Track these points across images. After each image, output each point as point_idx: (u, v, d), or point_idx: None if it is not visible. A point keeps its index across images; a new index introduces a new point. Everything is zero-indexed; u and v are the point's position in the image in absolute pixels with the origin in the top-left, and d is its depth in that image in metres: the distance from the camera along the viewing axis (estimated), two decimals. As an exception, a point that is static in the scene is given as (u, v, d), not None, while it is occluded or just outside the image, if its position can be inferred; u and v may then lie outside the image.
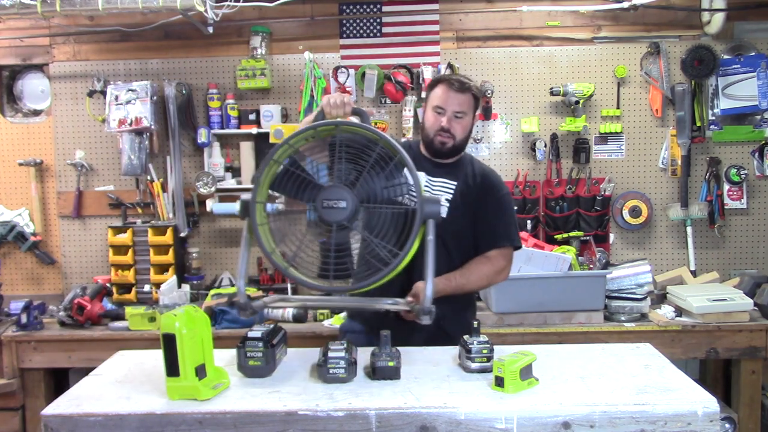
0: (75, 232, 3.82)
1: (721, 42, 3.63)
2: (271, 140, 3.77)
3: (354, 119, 2.03)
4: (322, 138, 1.87)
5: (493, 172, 2.42)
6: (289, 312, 3.27)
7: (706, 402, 1.56)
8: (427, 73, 3.61)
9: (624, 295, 3.24)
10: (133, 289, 3.60)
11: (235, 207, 1.91)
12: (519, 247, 2.38)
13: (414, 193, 1.81)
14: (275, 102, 3.73)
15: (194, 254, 3.73)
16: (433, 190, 2.28)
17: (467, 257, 2.31)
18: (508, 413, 1.54)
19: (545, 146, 3.68)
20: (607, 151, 3.72)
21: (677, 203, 3.66)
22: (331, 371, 1.70)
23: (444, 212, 2.23)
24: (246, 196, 1.86)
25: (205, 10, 3.22)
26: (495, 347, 1.79)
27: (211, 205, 3.66)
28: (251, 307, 1.88)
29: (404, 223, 1.82)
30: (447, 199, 2.27)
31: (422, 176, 2.27)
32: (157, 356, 1.73)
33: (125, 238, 3.61)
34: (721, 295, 3.17)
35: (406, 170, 1.84)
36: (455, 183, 2.31)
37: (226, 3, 3.31)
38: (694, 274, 3.59)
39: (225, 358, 1.84)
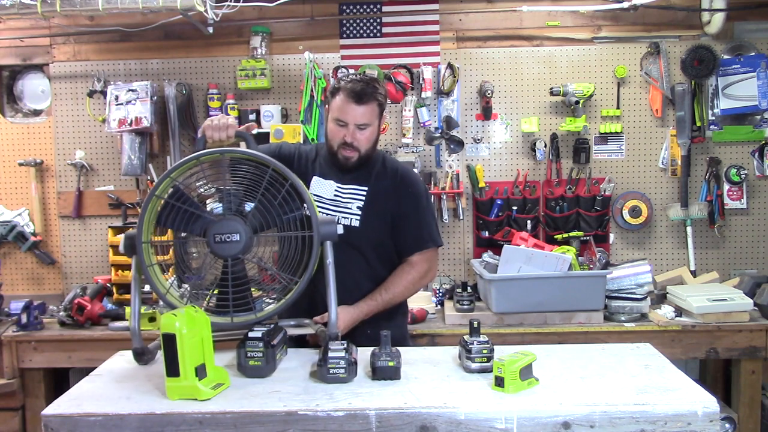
0: (75, 232, 3.82)
1: (721, 42, 3.63)
2: (272, 140, 3.81)
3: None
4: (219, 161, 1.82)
5: (407, 170, 2.32)
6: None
7: (706, 402, 1.56)
8: (427, 73, 3.61)
9: (624, 295, 3.24)
10: (133, 289, 3.60)
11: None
12: (440, 245, 2.30)
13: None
14: (275, 102, 3.73)
15: (194, 254, 3.72)
16: (342, 198, 2.21)
17: (391, 264, 2.26)
18: (508, 413, 1.54)
19: (545, 146, 3.68)
20: (607, 151, 3.72)
21: (677, 203, 3.66)
22: (331, 371, 1.69)
23: (356, 222, 2.19)
24: (132, 231, 1.81)
25: (205, 10, 3.22)
26: (495, 347, 1.79)
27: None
28: (149, 352, 1.85)
29: (303, 247, 1.81)
30: (359, 207, 2.19)
31: (331, 184, 2.22)
32: (157, 356, 1.73)
33: (125, 238, 3.60)
34: (721, 295, 3.17)
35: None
36: (366, 188, 2.21)
37: (226, 3, 3.31)
38: (694, 274, 3.59)
39: (225, 358, 1.84)
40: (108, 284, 3.55)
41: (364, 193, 2.21)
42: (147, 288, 3.52)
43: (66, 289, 3.76)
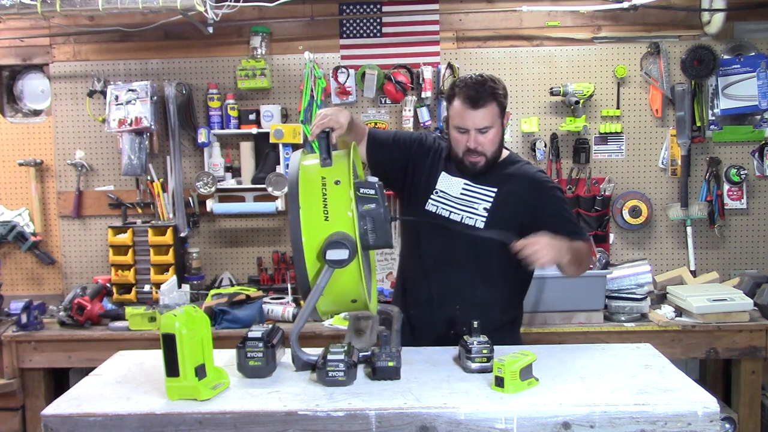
0: (75, 232, 3.82)
1: (721, 42, 3.63)
2: (271, 140, 3.81)
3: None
4: None
5: (537, 173, 2.25)
6: (289, 311, 3.26)
7: (706, 402, 1.56)
8: (427, 73, 3.60)
9: (624, 295, 3.24)
10: (133, 289, 3.60)
11: (234, 207, 1.87)
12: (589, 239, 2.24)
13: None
14: (275, 102, 3.73)
15: (194, 254, 3.72)
16: (470, 197, 2.15)
17: (512, 271, 2.13)
18: (508, 413, 1.54)
19: (545, 146, 3.68)
20: (607, 151, 3.72)
21: (677, 203, 3.65)
22: (330, 374, 1.69)
23: (481, 223, 2.13)
24: None
25: (205, 10, 3.21)
26: (495, 347, 1.80)
27: (211, 205, 3.66)
28: None
29: None
30: (485, 208, 2.13)
31: (459, 181, 2.18)
32: (157, 356, 1.73)
33: (125, 238, 3.60)
34: (721, 295, 3.17)
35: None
36: (495, 189, 2.15)
37: (226, 3, 3.31)
38: (694, 274, 3.59)
39: (225, 358, 1.85)
40: (108, 284, 3.55)
41: (493, 194, 2.15)
42: (146, 288, 3.57)
43: (66, 289, 3.75)
